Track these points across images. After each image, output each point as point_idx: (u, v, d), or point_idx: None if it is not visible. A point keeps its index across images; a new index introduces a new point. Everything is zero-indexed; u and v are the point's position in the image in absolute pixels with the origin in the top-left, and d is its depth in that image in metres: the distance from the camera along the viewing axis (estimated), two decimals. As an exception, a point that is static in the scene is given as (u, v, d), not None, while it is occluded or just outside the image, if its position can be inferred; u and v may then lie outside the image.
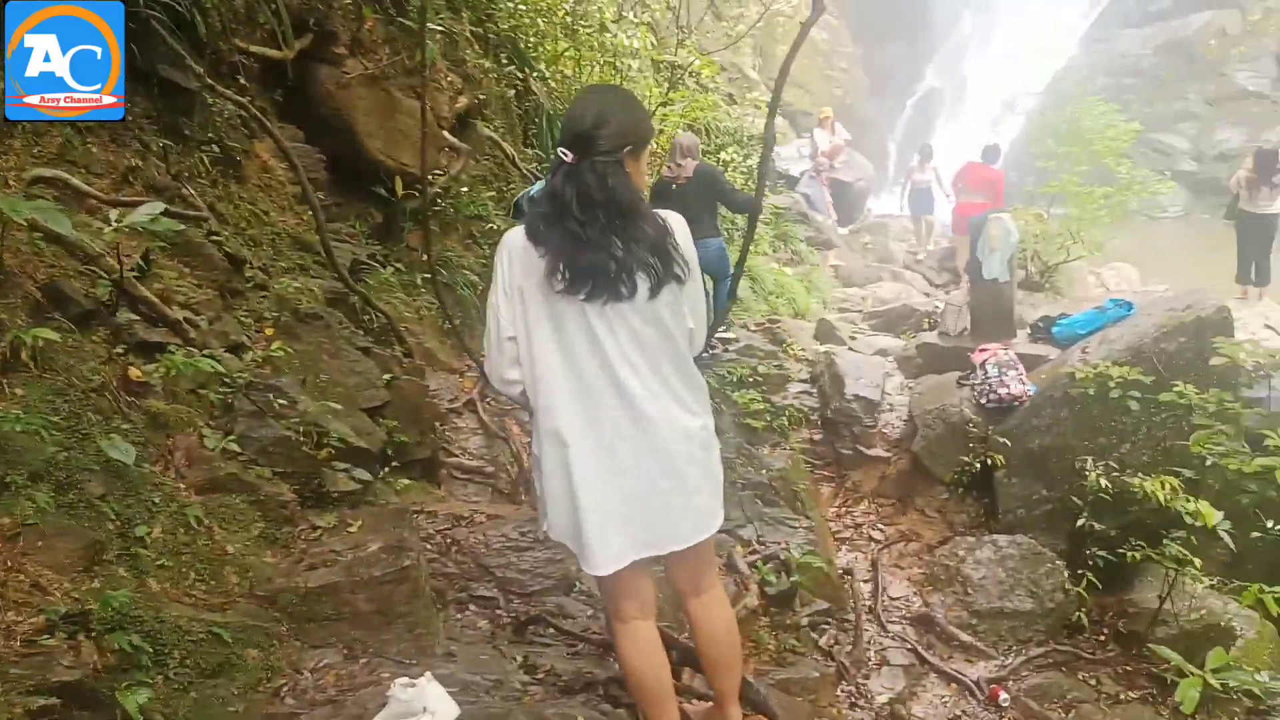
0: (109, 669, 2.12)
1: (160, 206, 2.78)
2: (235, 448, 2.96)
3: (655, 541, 2.29)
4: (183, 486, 2.74)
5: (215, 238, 3.62)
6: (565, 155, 2.18)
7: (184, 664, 2.32)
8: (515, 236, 2.23)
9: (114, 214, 2.70)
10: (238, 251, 3.76)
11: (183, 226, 3.20)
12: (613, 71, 8.48)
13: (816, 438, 6.74)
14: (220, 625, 2.44)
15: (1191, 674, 2.33)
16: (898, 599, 5.32)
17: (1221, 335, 5.03)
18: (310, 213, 4.28)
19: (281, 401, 3.25)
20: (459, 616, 3.32)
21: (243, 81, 4.27)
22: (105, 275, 2.84)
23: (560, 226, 2.16)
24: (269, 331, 3.70)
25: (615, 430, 2.22)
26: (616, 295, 2.18)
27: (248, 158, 4.29)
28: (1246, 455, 3.96)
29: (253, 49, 4.34)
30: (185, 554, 2.59)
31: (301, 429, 3.22)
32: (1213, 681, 2.30)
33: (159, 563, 2.50)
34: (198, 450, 2.83)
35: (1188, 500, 4.34)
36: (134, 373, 2.84)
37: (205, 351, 3.06)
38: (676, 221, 2.30)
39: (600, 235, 2.15)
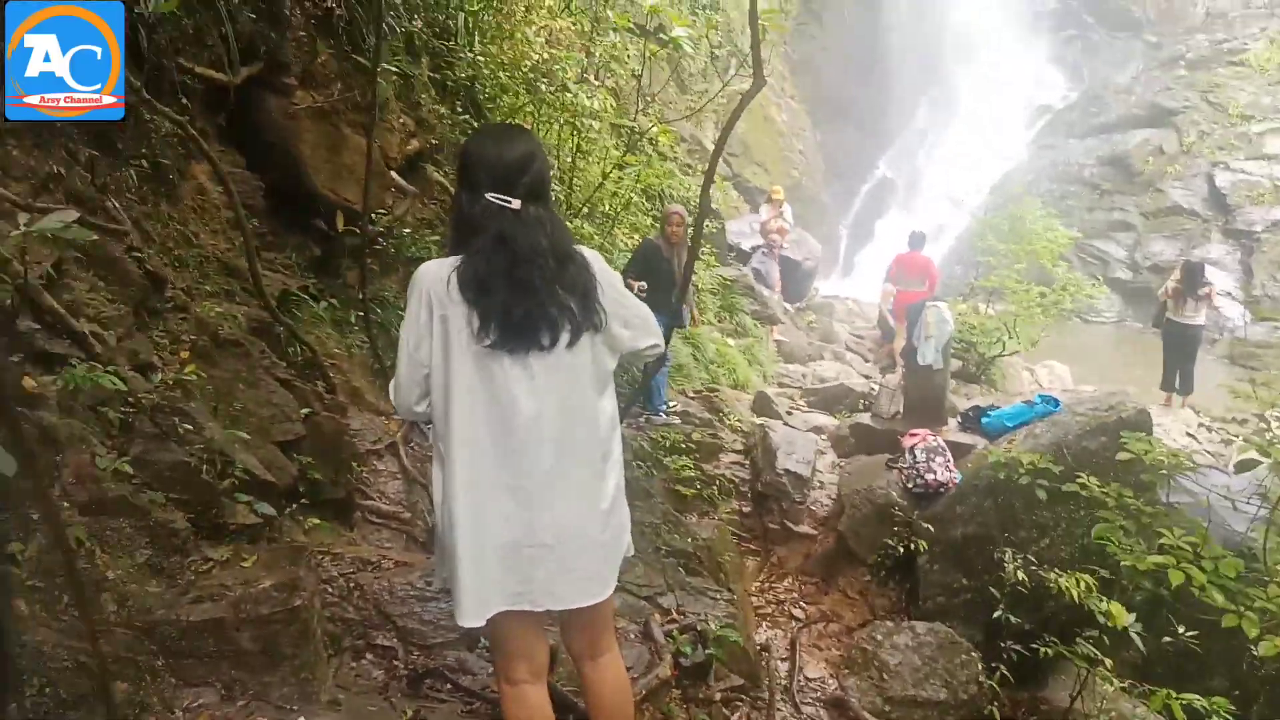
0: (-47, 694, 1.96)
1: (73, 215, 2.67)
2: (129, 469, 2.82)
3: (531, 596, 2.20)
4: (66, 505, 2.59)
5: (136, 254, 3.49)
6: (510, 203, 2.12)
7: (43, 693, 2.16)
8: (435, 270, 2.14)
9: (23, 219, 2.59)
10: (159, 270, 3.64)
11: (95, 237, 3.08)
12: (571, 131, 8.55)
13: (745, 510, 6.71)
14: (89, 654, 2.28)
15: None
16: (814, 680, 5.25)
17: (1136, 434, 5.14)
18: (242, 239, 4.18)
19: (187, 426, 3.12)
20: (353, 664, 3.17)
21: (184, 101, 4.20)
22: (8, 280, 2.71)
23: (507, 276, 2.09)
24: (184, 354, 3.58)
25: (509, 480, 2.14)
26: (538, 345, 2.13)
27: (182, 178, 4.20)
28: (1142, 552, 4.01)
29: (198, 70, 4.27)
30: (60, 576, 2.44)
31: (205, 456, 3.09)
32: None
33: (30, 583, 2.35)
34: (88, 469, 2.69)
35: (1100, 600, 4.36)
36: (28, 383, 2.70)
37: (110, 368, 2.93)
38: (594, 257, 2.27)
39: (543, 285, 2.11)
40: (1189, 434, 9.20)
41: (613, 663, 2.43)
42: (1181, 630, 4.49)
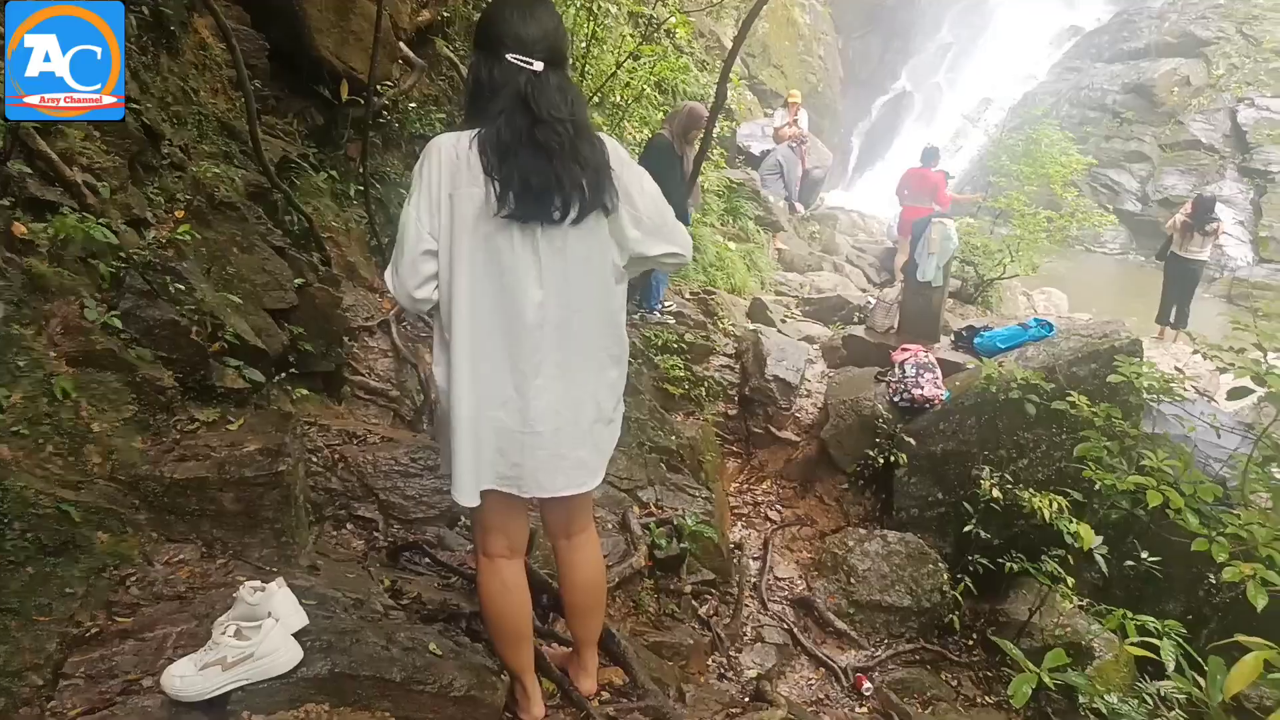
0: (-64, 530, 2.00)
1: (68, 58, 2.60)
2: (118, 324, 2.80)
3: (519, 481, 2.23)
4: (54, 355, 2.59)
5: (133, 105, 3.40)
6: (531, 64, 2.05)
7: (24, 537, 2.19)
8: (449, 142, 2.07)
9: (15, 57, 2.52)
10: (156, 125, 3.56)
11: (92, 83, 3.01)
12: (588, 15, 8.29)
13: (731, 413, 6.78)
14: (71, 503, 2.31)
15: (1027, 669, 2.38)
16: (783, 579, 5.40)
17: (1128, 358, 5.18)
18: (243, 99, 4.08)
19: (179, 286, 3.09)
20: (334, 533, 3.24)
21: (188, -51, 4.06)
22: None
23: (529, 139, 2.03)
24: (179, 214, 3.52)
25: (509, 363, 2.13)
26: (548, 217, 2.08)
27: (185, 31, 4.07)
28: (1123, 472, 4.08)
29: (203, -84, 4.10)
30: (45, 424, 2.45)
31: (195, 317, 3.07)
32: (1046, 680, 2.36)
33: (14, 429, 2.36)
34: (76, 320, 2.67)
35: (1070, 521, 4.45)
36: (18, 229, 2.67)
37: (102, 220, 2.89)
38: (613, 146, 2.20)
39: (562, 150, 2.06)
40: (1177, 368, 9.24)
41: (588, 542, 2.48)
42: (1144, 555, 4.62)
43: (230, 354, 3.24)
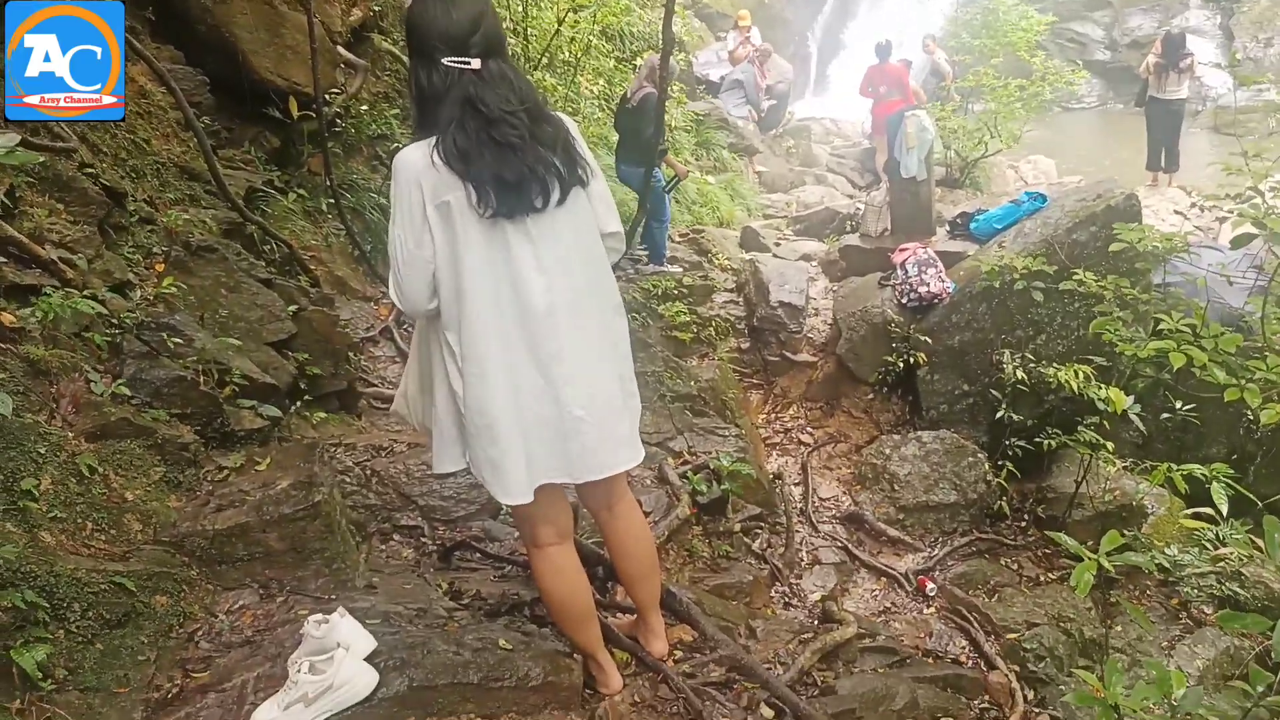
0: (1, 628, 2.02)
1: (16, 138, 2.55)
2: (126, 391, 2.81)
3: (570, 469, 2.23)
4: (71, 435, 2.59)
5: (89, 170, 3.37)
6: (468, 63, 2.00)
7: (86, 616, 2.21)
8: (417, 154, 2.02)
9: (-36, 149, 2.49)
10: (116, 184, 3.52)
11: (43, 158, 2.96)
12: (520, -23, 8.13)
13: (744, 346, 6.77)
14: (124, 574, 2.34)
15: (1086, 558, 2.38)
16: (827, 499, 5.43)
17: (1129, 223, 5.11)
18: (195, 139, 4.03)
19: (176, 340, 3.09)
20: (382, 547, 3.27)
21: None
22: (-36, 215, 2.64)
23: (487, 141, 2.00)
24: (159, 267, 3.51)
25: (531, 355, 2.12)
26: (530, 206, 2.06)
27: (122, 82, 4.01)
28: (1142, 340, 4.05)
29: (115, -37, 4.01)
30: (80, 504, 2.47)
31: (200, 367, 3.07)
32: (1106, 564, 2.36)
33: (51, 515, 2.37)
34: (84, 396, 2.67)
35: (1099, 387, 4.45)
36: (7, 318, 2.65)
37: (86, 292, 2.88)
38: (569, 121, 2.18)
39: (524, 143, 2.03)
40: (1177, 212, 9.17)
41: (630, 508, 2.49)
42: (1179, 405, 4.62)
43: (242, 395, 3.24)
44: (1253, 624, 1.86)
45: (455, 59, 2.00)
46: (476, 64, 2.01)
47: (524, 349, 2.11)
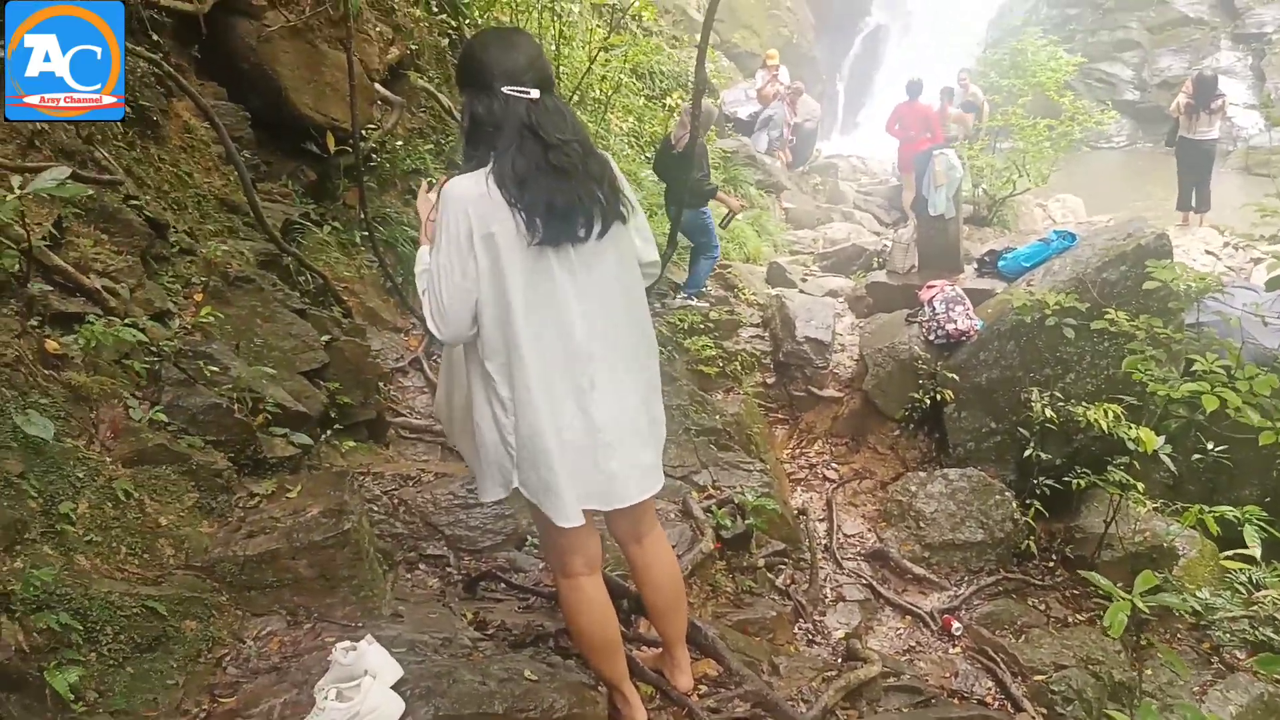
0: (36, 650, 2.05)
1: (67, 171, 2.64)
2: (163, 418, 2.87)
3: (601, 496, 2.26)
4: (109, 460, 2.65)
5: (134, 202, 3.46)
6: (528, 93, 2.08)
7: (117, 639, 2.25)
8: (468, 184, 2.07)
9: (17, 180, 2.57)
10: (159, 216, 3.61)
11: (91, 191, 3.06)
12: (552, 17, 8.28)
13: (769, 381, 6.78)
14: (156, 599, 2.37)
15: (1120, 598, 2.36)
16: (852, 536, 5.40)
17: (1159, 261, 5.09)
18: (236, 173, 4.13)
19: (213, 368, 3.15)
20: (408, 576, 3.28)
21: (155, 37, 4.09)
22: (13, 245, 2.71)
23: (545, 164, 2.07)
24: (198, 297, 3.58)
25: (567, 382, 2.16)
26: (575, 236, 2.12)
27: (166, 118, 4.12)
28: (1175, 381, 4.02)
29: (163, 2, 4.14)
30: (115, 528, 2.52)
31: (235, 395, 3.13)
32: (1140, 605, 2.34)
33: (87, 539, 2.43)
34: (123, 422, 2.73)
35: (1129, 427, 4.41)
36: (51, 345, 2.72)
37: (127, 320, 2.94)
38: (610, 159, 2.26)
39: (577, 171, 2.11)
40: (1209, 252, 9.09)
41: (658, 541, 2.51)
42: (1211, 446, 4.56)
43: (274, 423, 3.30)
44: None
45: (515, 88, 2.08)
46: (535, 94, 2.09)
47: (561, 376, 2.15)
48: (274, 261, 4.25)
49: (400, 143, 5.93)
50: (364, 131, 5.29)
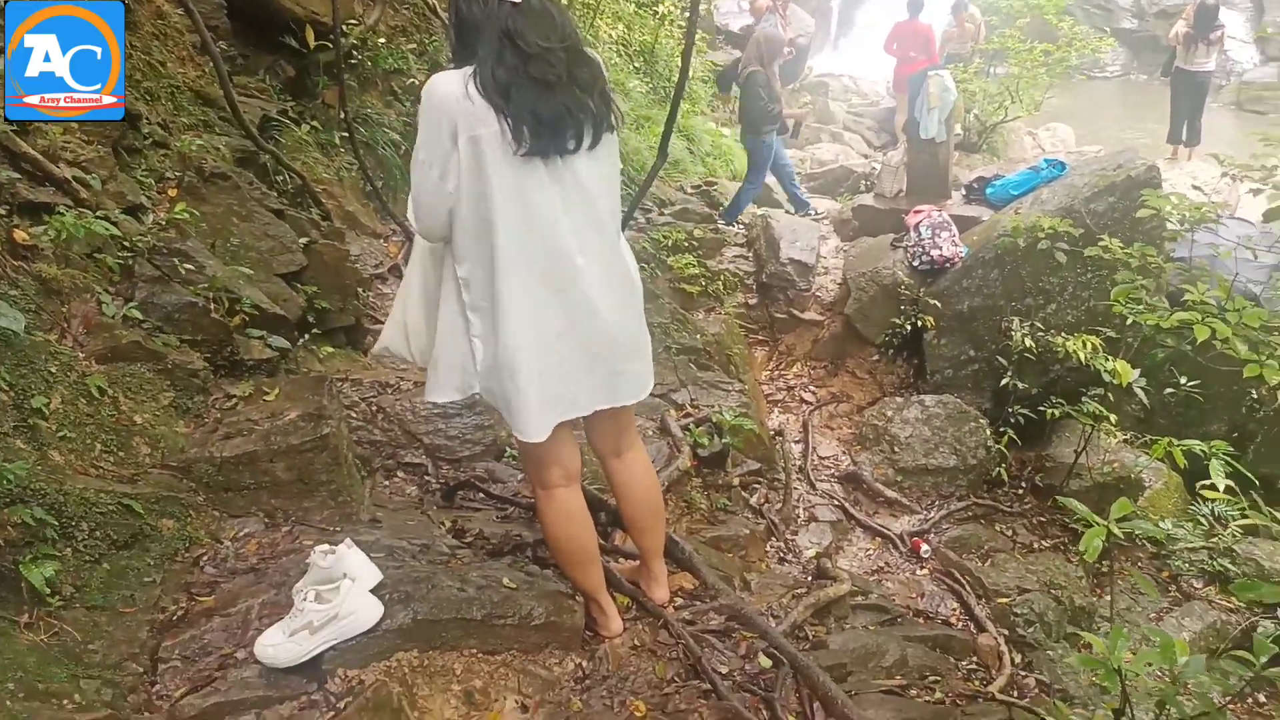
0: (10, 543, 2.03)
1: (34, 52, 2.54)
2: (138, 315, 2.81)
3: (583, 403, 2.24)
4: (82, 356, 2.60)
5: (105, 89, 3.34)
6: None
7: (94, 536, 2.24)
8: (451, 82, 1.97)
9: (-19, 60, 2.46)
10: (131, 105, 3.46)
11: (61, 75, 2.94)
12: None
13: (751, 302, 6.75)
14: (131, 496, 2.36)
15: (1096, 524, 2.40)
16: (827, 458, 5.46)
17: (1150, 191, 5.07)
18: (212, 64, 3.98)
19: (188, 266, 3.08)
20: (386, 483, 3.28)
21: (126, -85, 3.89)
22: (-22, 129, 2.61)
23: (525, 76, 1.96)
24: (172, 192, 3.48)
25: (555, 295, 2.11)
26: (564, 148, 2.04)
27: (138, 2, 3.94)
28: (1165, 310, 4.04)
29: (135, -123, 3.93)
30: (89, 425, 2.48)
31: (210, 295, 3.06)
32: (1115, 531, 2.38)
33: (60, 434, 2.39)
34: (96, 318, 2.67)
35: (1106, 359, 4.45)
36: (20, 235, 2.64)
37: (99, 212, 2.86)
38: (601, 61, 2.16)
39: (561, 82, 2.00)
40: (1196, 187, 9.05)
41: (639, 457, 2.51)
42: (1184, 380, 4.62)
43: (252, 325, 3.25)
44: (1268, 593, 1.90)
45: None
46: None
47: (548, 289, 2.10)
48: (251, 159, 4.13)
49: (382, 40, 5.72)
50: (345, 27, 5.09)
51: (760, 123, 7.36)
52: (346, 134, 4.83)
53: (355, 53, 5.44)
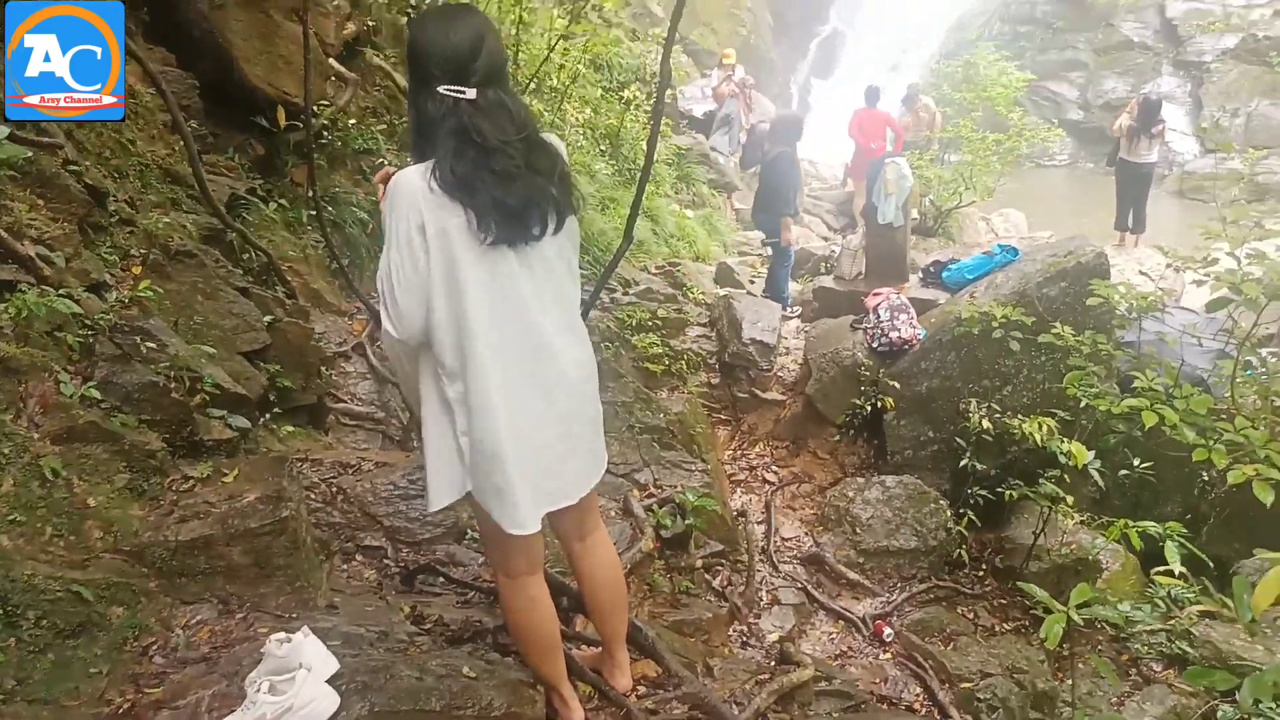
0: (-49, 634, 1.97)
1: (5, 131, 2.55)
2: (96, 394, 2.77)
3: (565, 491, 2.25)
4: (37, 436, 2.55)
5: (73, 167, 3.33)
6: (464, 93, 1.99)
7: (39, 625, 2.16)
8: (415, 177, 1.99)
9: (-51, 139, 2.47)
10: (99, 183, 3.48)
11: (29, 153, 2.94)
12: (513, 2, 8.18)
13: (714, 381, 6.79)
14: (81, 583, 2.29)
15: (1056, 610, 2.43)
16: (789, 539, 5.45)
17: (1099, 279, 5.24)
18: (182, 142, 4.01)
19: (150, 345, 3.05)
20: (345, 567, 3.23)
21: (102, -2, 3.94)
22: (-57, 207, 2.60)
23: (485, 170, 1.98)
24: (136, 270, 3.47)
25: (533, 380, 2.13)
26: (529, 235, 2.07)
27: (111, 82, 3.98)
28: (1115, 396, 4.14)
29: (113, -38, 4.00)
30: (40, 508, 2.42)
31: (172, 374, 3.03)
32: (1075, 617, 2.41)
33: (10, 518, 2.33)
34: (53, 397, 2.63)
35: (1062, 441, 4.52)
36: (-21, 314, 2.62)
37: (62, 290, 2.84)
38: (560, 145, 2.20)
39: (520, 172, 2.03)
40: (1142, 273, 9.36)
41: (602, 540, 2.50)
42: (1137, 463, 4.71)
43: (212, 404, 3.21)
44: (1220, 681, 1.93)
45: (451, 88, 1.99)
46: (472, 94, 2.00)
47: (525, 376, 2.11)
48: (217, 237, 4.13)
49: (353, 121, 5.81)
50: (316, 107, 5.17)
51: (790, 202, 7.76)
52: (314, 212, 4.87)
53: (325, 133, 5.52)
